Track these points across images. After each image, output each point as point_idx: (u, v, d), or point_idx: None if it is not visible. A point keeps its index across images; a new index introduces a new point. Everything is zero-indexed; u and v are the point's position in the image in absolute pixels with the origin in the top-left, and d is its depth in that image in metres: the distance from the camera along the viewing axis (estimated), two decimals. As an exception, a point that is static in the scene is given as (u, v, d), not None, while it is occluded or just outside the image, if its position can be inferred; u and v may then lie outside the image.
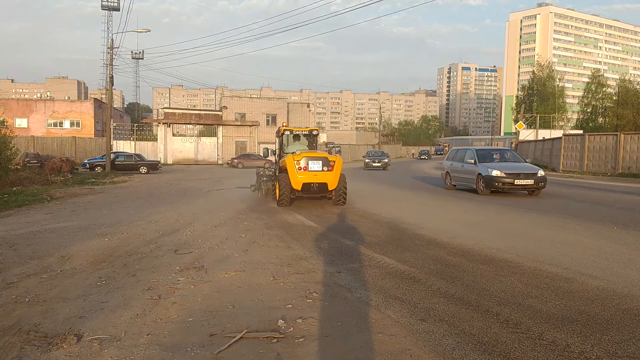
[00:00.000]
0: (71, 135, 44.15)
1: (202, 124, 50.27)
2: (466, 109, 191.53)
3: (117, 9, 67.07)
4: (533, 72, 77.38)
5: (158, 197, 15.36)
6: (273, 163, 15.54)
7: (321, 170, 11.99)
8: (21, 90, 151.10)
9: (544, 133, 47.67)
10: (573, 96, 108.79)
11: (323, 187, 12.17)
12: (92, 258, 6.43)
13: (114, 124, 42.57)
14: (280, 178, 12.48)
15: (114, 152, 32.44)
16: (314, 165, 12.00)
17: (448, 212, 11.54)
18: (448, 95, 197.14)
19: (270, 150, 14.71)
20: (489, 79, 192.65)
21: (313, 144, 14.43)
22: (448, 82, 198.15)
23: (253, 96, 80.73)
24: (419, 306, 4.42)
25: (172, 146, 47.32)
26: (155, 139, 48.22)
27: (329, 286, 5.11)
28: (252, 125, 49.53)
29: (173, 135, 47.91)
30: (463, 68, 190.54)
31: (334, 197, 12.48)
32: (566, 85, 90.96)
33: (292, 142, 14.20)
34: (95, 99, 54.31)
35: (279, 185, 12.28)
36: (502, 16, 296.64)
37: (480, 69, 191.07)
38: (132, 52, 71.34)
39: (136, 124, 50.02)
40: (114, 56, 29.02)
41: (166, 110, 51.70)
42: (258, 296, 4.76)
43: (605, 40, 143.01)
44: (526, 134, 48.64)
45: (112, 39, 29.97)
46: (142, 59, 72.91)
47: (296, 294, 4.81)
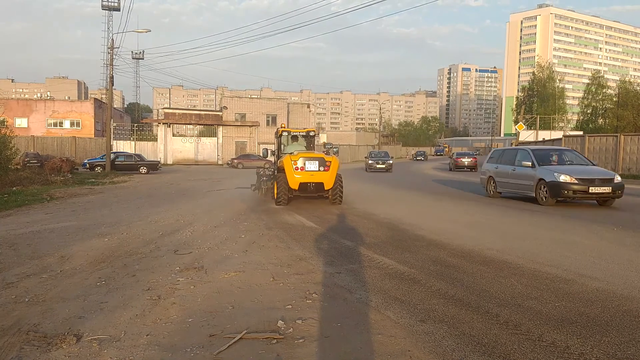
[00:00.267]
0: (71, 135, 44.15)
1: (202, 124, 50.27)
2: (466, 110, 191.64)
3: (118, 9, 67.16)
4: (533, 73, 77.45)
5: (158, 198, 15.36)
6: (273, 163, 15.79)
7: (318, 170, 12.26)
8: (21, 90, 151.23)
9: (544, 134, 47.69)
10: (573, 97, 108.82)
11: (319, 187, 12.45)
12: (92, 258, 6.43)
13: (114, 124, 42.60)
14: (278, 178, 12.76)
15: (114, 152, 32.44)
16: (311, 165, 12.26)
17: (447, 213, 11.54)
18: (448, 96, 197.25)
19: (269, 150, 15.06)
20: (489, 80, 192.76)
21: (310, 145, 14.79)
22: (448, 83, 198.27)
23: (253, 96, 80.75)
24: (419, 307, 4.42)
25: (172, 146, 47.31)
26: (155, 139, 48.22)
27: (329, 287, 5.10)
28: (252, 125, 49.54)
29: (173, 135, 47.90)
30: (463, 69, 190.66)
31: (331, 196, 12.74)
32: (566, 86, 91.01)
33: (290, 143, 14.52)
34: (95, 99, 54.33)
35: (277, 184, 12.58)
36: (503, 17, 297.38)
37: (480, 70, 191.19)
38: (133, 52, 71.36)
39: (136, 124, 50.01)
40: (114, 56, 29.08)
41: (166, 110, 51.75)
42: (258, 297, 4.76)
43: (605, 41, 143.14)
44: (526, 135, 48.65)
45: (113, 39, 30.02)
46: (143, 59, 73.00)
47: (296, 295, 4.80)
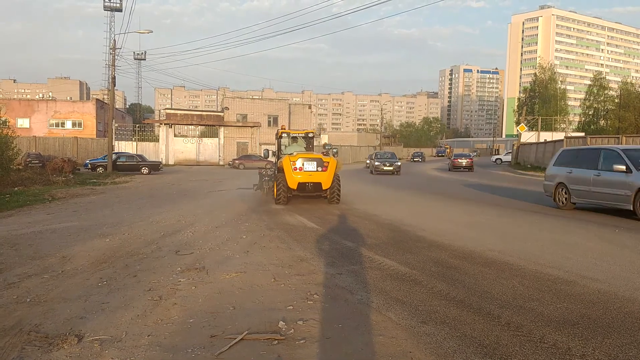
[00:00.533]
0: (73, 135, 44.19)
1: (204, 125, 50.26)
2: (468, 111, 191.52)
3: (120, 10, 67.21)
4: (535, 75, 77.21)
5: (159, 198, 15.37)
6: (274, 164, 16.13)
7: (316, 170, 12.63)
8: (23, 90, 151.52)
9: (546, 135, 47.56)
10: (575, 99, 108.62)
11: (317, 186, 12.82)
12: (93, 258, 6.44)
13: (116, 125, 42.62)
14: (278, 178, 13.16)
15: (116, 153, 32.47)
16: (309, 165, 12.62)
17: (449, 214, 11.53)
18: (450, 97, 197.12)
19: (270, 151, 15.51)
20: (491, 81, 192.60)
21: (309, 146, 15.23)
22: (450, 84, 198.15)
23: (254, 97, 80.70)
24: (420, 308, 4.42)
25: (174, 147, 47.32)
26: (156, 140, 48.20)
27: (330, 288, 5.10)
28: (254, 126, 49.54)
29: (175, 136, 47.91)
30: (465, 70, 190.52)
31: (329, 196, 13.06)
32: (568, 87, 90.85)
33: (290, 144, 15.00)
34: (97, 100, 54.33)
35: (277, 184, 13.00)
36: (504, 18, 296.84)
37: (482, 71, 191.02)
38: (134, 53, 71.47)
39: (138, 125, 49.96)
40: (116, 57, 29.11)
41: (168, 111, 51.78)
42: (259, 297, 4.75)
43: (607, 42, 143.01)
44: (528, 137, 48.55)
45: (115, 40, 30.11)
46: (144, 60, 73.05)
47: (297, 296, 4.80)
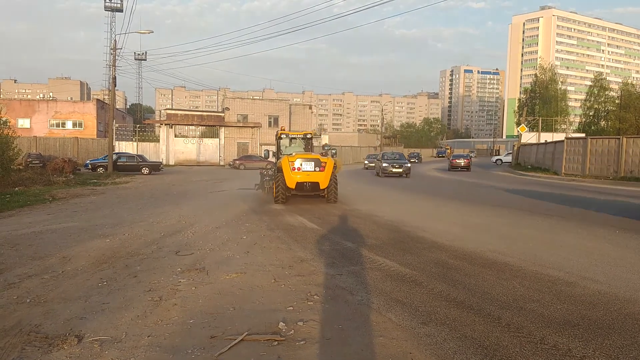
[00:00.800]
0: (73, 135, 44.18)
1: (204, 125, 50.26)
2: (468, 112, 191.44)
3: (120, 10, 67.40)
4: (535, 75, 77.08)
5: (160, 198, 15.37)
6: (274, 164, 16.27)
7: (313, 170, 12.94)
8: (24, 90, 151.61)
9: (546, 136, 47.46)
10: (575, 99, 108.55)
11: (315, 186, 13.12)
12: (94, 259, 6.44)
13: (117, 125, 42.63)
14: (277, 177, 13.46)
15: (116, 153, 32.45)
16: (307, 165, 12.94)
17: (449, 215, 11.52)
18: (450, 97, 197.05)
19: (271, 152, 15.95)
20: (491, 82, 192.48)
21: (308, 146, 15.60)
22: (450, 85, 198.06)
23: (255, 98, 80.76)
24: (421, 309, 4.41)
25: (174, 147, 47.32)
26: (157, 140, 48.18)
27: (330, 289, 5.10)
28: (254, 126, 49.53)
29: (175, 136, 47.90)
30: (465, 71, 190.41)
31: (326, 195, 13.38)
32: (569, 88, 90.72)
33: (289, 145, 15.39)
34: (97, 100, 54.31)
35: (275, 184, 13.39)
36: (505, 19, 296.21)
37: (482, 72, 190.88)
38: (135, 53, 71.59)
39: (138, 125, 49.89)
40: (117, 57, 29.09)
41: (168, 111, 51.80)
42: (259, 298, 4.75)
43: (608, 43, 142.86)
44: (528, 137, 48.46)
45: (115, 40, 30.08)
46: (145, 60, 73.18)
47: (297, 297, 4.80)
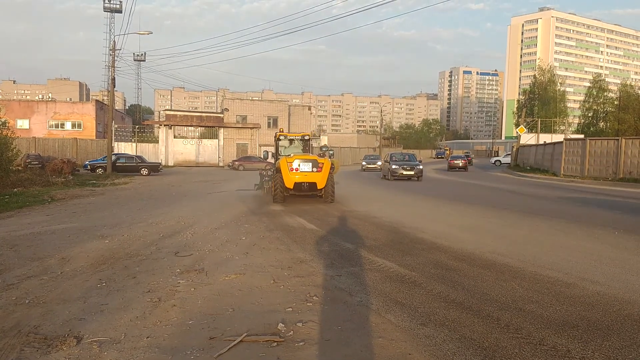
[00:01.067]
0: (72, 136, 44.15)
1: (204, 126, 50.25)
2: (467, 113, 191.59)
3: (120, 11, 67.32)
4: (534, 76, 77.15)
5: (159, 199, 15.36)
6: (273, 165, 16.39)
7: (311, 171, 13.29)
8: (23, 91, 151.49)
9: (545, 137, 47.47)
10: (574, 101, 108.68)
11: (313, 186, 13.45)
12: (93, 260, 6.43)
13: (116, 126, 42.61)
14: (275, 178, 13.79)
15: (115, 154, 32.43)
16: (305, 166, 13.30)
17: (448, 216, 11.52)
18: (449, 98, 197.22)
19: (270, 153, 16.25)
20: (490, 83, 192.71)
21: (306, 148, 15.94)
22: (449, 86, 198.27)
23: (254, 99, 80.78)
24: (420, 310, 4.41)
25: (173, 148, 47.29)
26: (156, 141, 48.15)
27: (330, 290, 5.09)
28: (254, 127, 49.54)
29: (174, 137, 47.87)
30: (464, 72, 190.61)
31: (324, 195, 13.71)
32: (567, 89, 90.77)
33: (288, 146, 15.74)
34: (96, 101, 54.29)
35: (274, 184, 13.73)
36: (504, 20, 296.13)
37: (481, 73, 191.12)
38: (134, 54, 71.15)
39: (137, 126, 49.88)
40: (116, 58, 29.09)
41: (167, 112, 51.76)
42: (258, 299, 4.75)
43: (606, 44, 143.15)
44: (527, 138, 48.51)
45: (114, 41, 30.07)
46: (144, 61, 72.83)
47: (296, 298, 4.80)
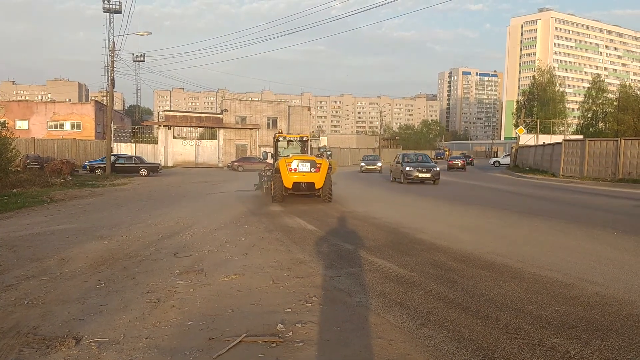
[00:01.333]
0: (72, 137, 44.13)
1: (203, 127, 50.26)
2: (467, 114, 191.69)
3: (119, 12, 67.30)
4: (534, 77, 77.29)
5: (158, 200, 15.35)
6: (272, 165, 16.89)
7: (309, 171, 13.63)
8: (22, 92, 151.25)
9: (544, 138, 47.55)
10: (573, 101, 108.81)
11: (311, 186, 13.78)
12: (92, 261, 6.43)
13: (115, 127, 42.53)
14: (274, 178, 14.12)
15: (114, 155, 32.40)
16: (303, 166, 13.63)
17: (448, 216, 11.53)
18: (449, 99, 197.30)
19: (269, 153, 16.72)
20: (490, 84, 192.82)
21: (304, 149, 16.27)
22: (449, 87, 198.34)
23: (254, 99, 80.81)
24: (419, 311, 4.42)
25: (173, 149, 47.29)
26: (155, 142, 48.14)
27: (329, 290, 5.10)
28: (253, 128, 49.55)
29: (174, 137, 47.88)
30: (464, 73, 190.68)
31: (321, 195, 14.01)
32: (567, 90, 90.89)
33: (287, 147, 16.11)
34: (96, 101, 54.26)
35: (273, 184, 14.08)
36: (503, 21, 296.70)
37: (480, 74, 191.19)
38: (134, 55, 71.38)
39: (137, 127, 49.85)
40: (115, 58, 29.09)
41: (167, 112, 51.73)
42: (257, 300, 4.75)
43: (606, 45, 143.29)
44: (526, 139, 48.57)
45: (114, 42, 30.08)
46: (143, 62, 72.87)
47: (296, 298, 4.80)
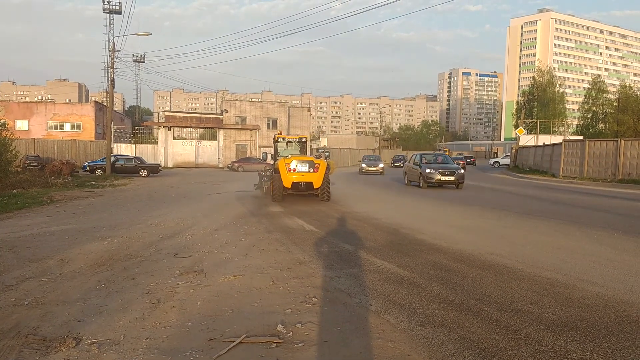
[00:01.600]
0: (72, 138, 44.14)
1: (203, 128, 50.29)
2: (466, 114, 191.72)
3: (119, 12, 67.33)
4: (533, 78, 77.31)
5: (158, 201, 15.36)
6: (272, 165, 16.89)
7: (308, 171, 14.00)
8: (22, 92, 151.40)
9: (544, 139, 47.57)
10: (573, 102, 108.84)
11: (309, 186, 14.16)
12: (92, 261, 6.43)
13: (115, 127, 42.56)
14: (274, 178, 14.43)
15: (115, 155, 32.42)
16: (302, 167, 14.00)
17: (448, 217, 11.53)
18: (448, 100, 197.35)
19: (269, 154, 16.85)
20: (490, 85, 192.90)
21: (303, 149, 16.61)
22: (449, 88, 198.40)
23: (254, 100, 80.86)
24: (419, 312, 4.42)
25: (173, 149, 47.30)
26: (155, 142, 48.15)
27: (329, 291, 5.10)
28: (253, 129, 49.56)
29: (174, 138, 47.89)
30: (463, 73, 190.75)
31: (320, 194, 14.39)
32: (566, 91, 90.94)
33: (286, 148, 16.42)
34: (96, 102, 54.27)
35: (272, 183, 14.41)
36: (503, 22, 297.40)
37: (480, 75, 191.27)
38: (134, 55, 71.38)
39: (137, 127, 49.85)
40: (115, 59, 29.10)
41: (167, 113, 51.74)
42: (257, 301, 4.75)
43: (605, 46, 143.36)
44: (526, 140, 48.58)
45: (114, 42, 30.10)
46: (143, 62, 72.88)
47: (296, 299, 4.80)
